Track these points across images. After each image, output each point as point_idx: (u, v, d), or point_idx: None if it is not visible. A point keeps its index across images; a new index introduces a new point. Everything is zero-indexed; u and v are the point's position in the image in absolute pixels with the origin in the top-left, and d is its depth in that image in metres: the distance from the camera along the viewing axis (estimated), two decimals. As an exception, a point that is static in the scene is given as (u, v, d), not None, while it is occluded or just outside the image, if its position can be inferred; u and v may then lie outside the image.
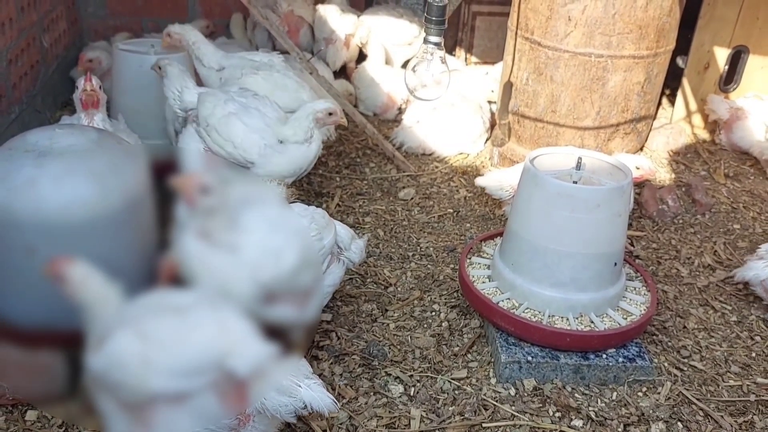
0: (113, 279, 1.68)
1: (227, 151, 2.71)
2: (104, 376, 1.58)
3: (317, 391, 1.56)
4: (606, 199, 2.18)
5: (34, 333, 1.95)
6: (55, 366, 1.98)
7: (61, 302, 1.93)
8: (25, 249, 1.87)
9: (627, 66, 3.23)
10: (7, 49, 3.29)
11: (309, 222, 2.03)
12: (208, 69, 3.15)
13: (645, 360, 2.26)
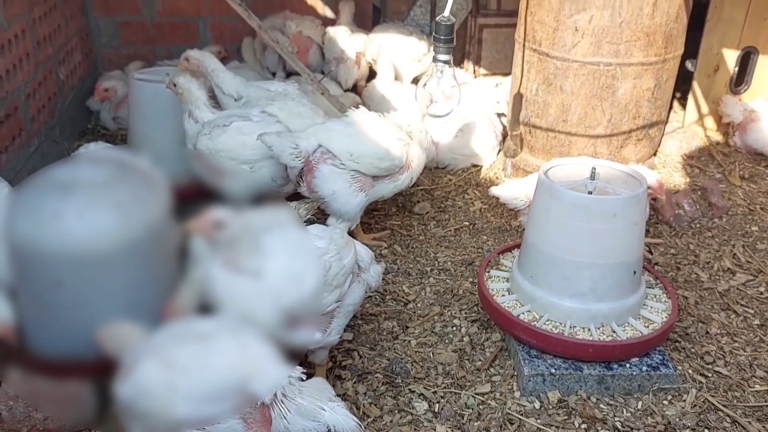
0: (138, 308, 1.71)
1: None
2: (132, 404, 1.61)
3: (341, 413, 1.58)
4: (622, 208, 2.19)
5: (63, 364, 1.99)
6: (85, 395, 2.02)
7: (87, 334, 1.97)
8: (52, 282, 1.91)
9: (636, 73, 3.24)
10: (25, 83, 3.36)
11: (328, 243, 2.06)
12: (228, 97, 3.19)
13: (669, 368, 2.25)
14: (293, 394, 1.57)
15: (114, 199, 2.00)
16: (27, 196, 2.00)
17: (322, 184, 2.76)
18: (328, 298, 2.00)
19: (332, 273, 2.01)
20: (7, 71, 3.15)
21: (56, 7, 3.91)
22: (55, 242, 1.93)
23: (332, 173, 2.75)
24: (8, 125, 3.12)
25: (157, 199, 2.14)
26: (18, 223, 1.94)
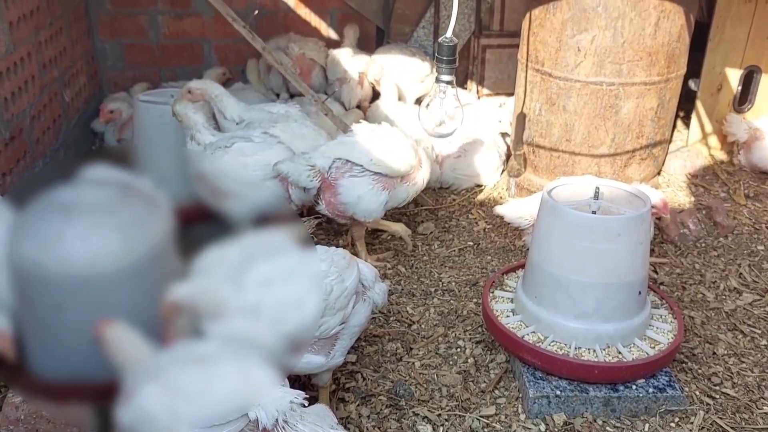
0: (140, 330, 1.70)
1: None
2: (134, 429, 1.60)
3: (341, 442, 1.56)
4: (626, 227, 2.18)
5: (64, 387, 1.98)
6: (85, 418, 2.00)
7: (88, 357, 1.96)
8: (54, 304, 1.90)
9: (639, 93, 3.25)
10: (30, 105, 3.38)
11: (329, 265, 2.04)
12: (230, 122, 3.20)
13: (676, 389, 2.23)
14: (295, 421, 1.56)
15: (117, 222, 2.01)
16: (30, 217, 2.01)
17: (346, 195, 2.84)
18: (330, 321, 1.99)
19: (334, 296, 1.99)
20: (13, 94, 3.17)
21: (62, 30, 3.95)
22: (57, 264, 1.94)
23: (353, 183, 2.83)
24: (13, 147, 3.14)
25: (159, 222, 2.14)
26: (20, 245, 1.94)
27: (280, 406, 1.56)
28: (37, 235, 1.91)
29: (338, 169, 2.84)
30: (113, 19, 4.66)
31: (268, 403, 1.56)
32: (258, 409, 1.55)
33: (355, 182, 2.84)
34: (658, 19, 3.12)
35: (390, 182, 2.90)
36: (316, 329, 1.96)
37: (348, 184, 2.84)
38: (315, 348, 2.01)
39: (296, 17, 4.93)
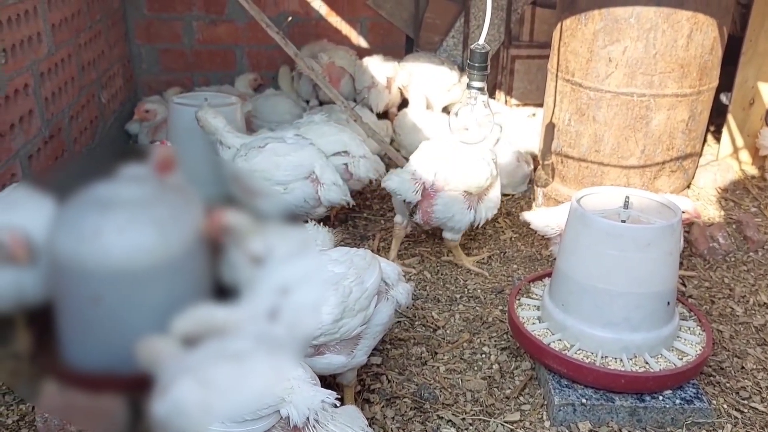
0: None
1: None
2: (167, 422, 1.63)
3: (372, 443, 1.58)
4: (656, 237, 2.17)
5: (98, 378, 2.02)
6: (118, 410, 2.05)
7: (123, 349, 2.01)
8: (91, 297, 1.95)
9: (670, 104, 3.24)
10: (69, 106, 3.47)
11: (347, 267, 2.06)
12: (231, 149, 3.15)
13: (703, 402, 2.21)
14: (326, 420, 1.57)
15: (153, 217, 2.07)
16: (69, 212, 2.07)
17: (442, 209, 2.93)
18: (351, 322, 2.01)
19: (353, 297, 2.01)
20: (53, 94, 3.26)
21: (101, 33, 4.05)
22: (95, 257, 1.99)
23: (450, 198, 2.91)
24: (52, 146, 3.22)
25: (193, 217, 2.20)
26: (59, 239, 2.01)
27: (312, 404, 1.58)
28: (76, 228, 1.96)
29: (436, 183, 2.90)
30: (149, 24, 4.76)
31: (299, 401, 1.58)
32: (290, 406, 1.57)
33: (452, 198, 2.91)
34: (691, 31, 3.11)
35: (474, 200, 2.98)
36: (336, 331, 1.98)
37: (447, 198, 2.91)
38: (337, 348, 2.03)
39: (327, 25, 5.00)
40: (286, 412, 1.58)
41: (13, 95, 2.81)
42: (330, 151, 3.25)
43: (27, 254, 2.01)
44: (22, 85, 2.91)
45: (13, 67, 2.81)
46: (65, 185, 2.98)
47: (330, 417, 1.58)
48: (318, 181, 2.94)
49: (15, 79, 2.83)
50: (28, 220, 2.13)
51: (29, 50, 2.99)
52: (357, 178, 3.33)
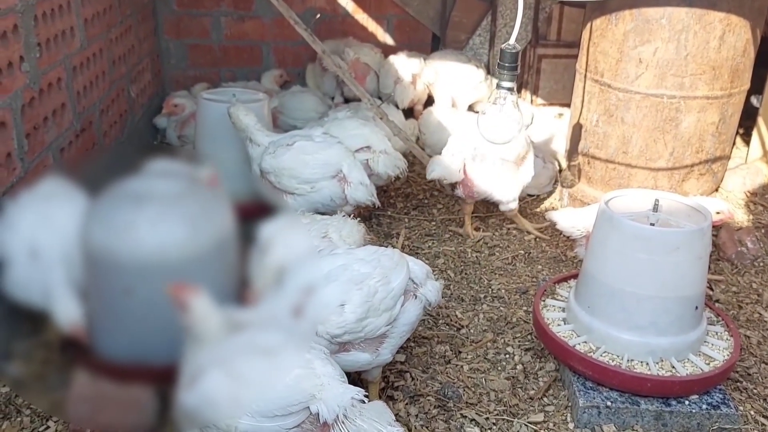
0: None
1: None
2: (195, 413, 1.65)
3: (400, 439, 1.59)
4: (686, 241, 2.16)
5: (128, 368, 2.06)
6: (146, 400, 2.08)
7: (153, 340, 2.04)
8: (123, 289, 1.98)
9: (701, 107, 3.20)
10: (100, 99, 3.52)
11: (374, 267, 2.06)
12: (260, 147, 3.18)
13: (730, 407, 2.19)
14: (354, 416, 1.59)
15: (185, 212, 2.09)
16: (102, 205, 2.10)
17: (481, 182, 3.19)
18: (376, 321, 2.02)
19: (378, 297, 2.01)
20: (85, 88, 3.31)
21: (131, 28, 4.10)
22: (127, 250, 2.03)
23: (489, 170, 3.15)
24: (83, 139, 3.27)
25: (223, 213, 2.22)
26: (92, 231, 2.04)
27: (342, 402, 1.59)
28: (109, 222, 2.00)
29: (473, 160, 3.11)
30: (179, 19, 4.81)
31: (329, 398, 1.59)
32: (320, 403, 1.59)
33: (488, 169, 3.12)
34: (723, 32, 3.07)
35: (513, 166, 3.17)
36: (361, 330, 2.00)
37: (482, 171, 3.14)
38: (362, 346, 2.05)
39: (354, 22, 5.01)
40: (315, 408, 1.59)
41: (47, 89, 2.86)
42: (352, 146, 3.26)
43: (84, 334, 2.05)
44: (56, 79, 2.95)
45: (47, 62, 2.85)
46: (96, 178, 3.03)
47: (358, 413, 1.59)
48: (345, 180, 2.95)
49: (49, 73, 2.88)
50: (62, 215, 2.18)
51: (62, 45, 3.03)
52: (376, 173, 3.32)
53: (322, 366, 1.65)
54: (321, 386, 1.60)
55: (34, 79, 2.73)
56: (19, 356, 2.27)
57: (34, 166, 2.73)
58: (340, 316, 1.97)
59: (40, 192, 2.47)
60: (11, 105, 2.53)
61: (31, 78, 2.70)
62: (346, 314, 1.98)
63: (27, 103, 2.66)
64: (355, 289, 2.00)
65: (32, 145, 2.71)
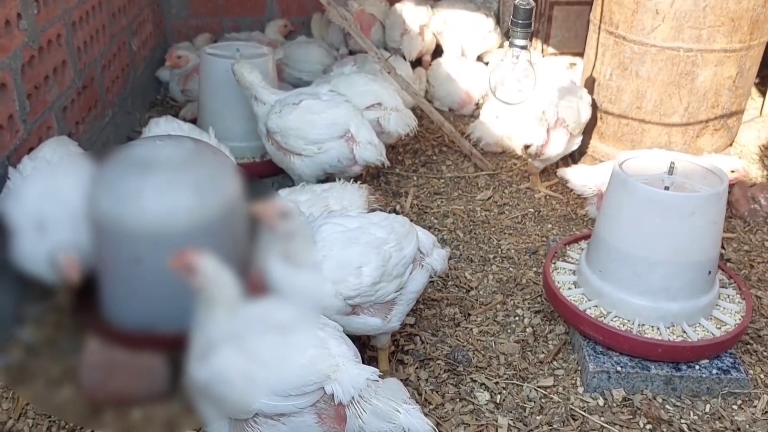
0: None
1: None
2: (208, 387, 1.65)
3: (416, 416, 1.58)
4: (701, 206, 2.12)
5: (139, 336, 2.07)
6: (158, 367, 2.09)
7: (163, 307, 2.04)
8: (132, 258, 1.97)
9: (718, 60, 3.10)
10: (101, 54, 3.44)
11: (388, 232, 2.05)
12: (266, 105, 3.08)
13: (740, 372, 2.19)
14: (369, 395, 1.58)
15: (192, 179, 2.06)
16: (108, 173, 2.07)
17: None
18: (387, 287, 2.00)
19: (392, 263, 2.00)
20: (85, 43, 3.22)
21: (130, -22, 3.97)
22: (135, 219, 2.01)
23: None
24: (85, 96, 3.21)
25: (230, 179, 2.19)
26: (100, 200, 2.01)
27: (357, 383, 1.59)
28: (115, 191, 1.97)
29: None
30: (178, -34, 4.66)
31: (344, 379, 1.59)
32: (334, 383, 1.58)
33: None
34: (745, -18, 2.95)
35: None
36: (373, 294, 1.99)
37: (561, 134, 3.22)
38: (371, 311, 2.04)
39: (359, -32, 4.83)
40: (330, 389, 1.59)
41: (47, 46, 2.79)
42: (362, 104, 3.19)
43: (78, 275, 2.04)
44: (55, 36, 2.88)
45: (45, 18, 2.77)
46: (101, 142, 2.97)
47: (373, 392, 1.59)
48: (353, 139, 2.89)
49: (48, 30, 2.80)
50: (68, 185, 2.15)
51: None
52: (387, 132, 3.26)
53: (336, 346, 1.64)
54: (336, 367, 1.59)
55: (33, 37, 2.65)
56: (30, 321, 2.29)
57: (36, 127, 2.68)
58: (357, 278, 1.96)
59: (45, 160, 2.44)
60: (11, 65, 2.47)
61: (30, 36, 2.62)
62: (363, 277, 1.97)
63: (27, 62, 2.59)
64: (373, 253, 1.99)
65: (34, 105, 2.66)
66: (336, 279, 1.95)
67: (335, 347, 1.63)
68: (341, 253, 1.98)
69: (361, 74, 3.33)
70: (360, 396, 1.57)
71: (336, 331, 1.70)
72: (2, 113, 2.41)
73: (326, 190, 2.49)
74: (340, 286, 1.96)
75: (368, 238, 2.02)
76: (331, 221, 2.08)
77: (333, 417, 1.60)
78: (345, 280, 1.96)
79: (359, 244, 1.99)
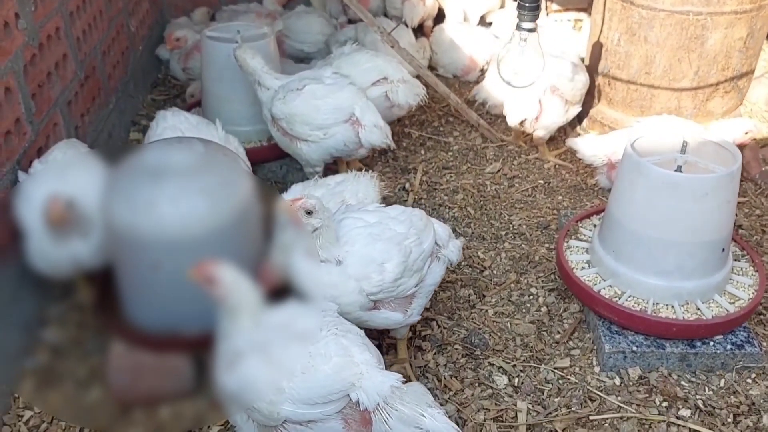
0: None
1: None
2: (237, 396, 1.70)
3: (441, 420, 1.61)
4: (714, 187, 2.11)
5: (163, 338, 2.11)
6: (183, 367, 2.14)
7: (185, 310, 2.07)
8: (151, 264, 1.99)
9: (728, 22, 3.04)
10: (100, 41, 3.39)
11: (408, 227, 2.06)
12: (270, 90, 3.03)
13: (755, 346, 2.22)
14: (394, 401, 1.62)
15: (204, 185, 2.07)
16: (122, 182, 2.07)
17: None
18: (408, 282, 2.03)
19: (412, 258, 2.02)
20: (84, 32, 3.18)
21: (124, -43, 3.88)
22: (151, 228, 2.02)
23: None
24: (88, 86, 3.18)
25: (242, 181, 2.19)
26: (114, 210, 2.02)
27: (381, 390, 1.62)
28: (130, 200, 1.98)
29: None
30: (171, -61, 4.54)
31: (369, 387, 1.62)
32: (360, 391, 1.62)
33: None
34: (756, -60, 2.87)
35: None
36: (394, 289, 2.01)
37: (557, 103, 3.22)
38: (392, 305, 2.07)
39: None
40: (356, 396, 1.63)
41: (47, 42, 2.75)
42: (367, 81, 3.15)
43: (63, 219, 2.02)
44: (54, 30, 2.84)
45: (42, 13, 2.73)
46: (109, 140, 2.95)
47: (398, 398, 1.63)
48: (359, 122, 2.87)
49: (46, 25, 2.76)
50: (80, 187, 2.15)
51: (56, -9, 2.88)
52: (397, 104, 3.24)
53: (359, 353, 1.67)
54: (360, 375, 1.63)
55: (33, 35, 2.62)
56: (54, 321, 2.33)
57: (44, 127, 2.67)
58: (380, 275, 1.99)
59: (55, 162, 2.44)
60: (13, 68, 2.45)
61: (30, 34, 2.59)
62: (386, 273, 1.99)
63: (28, 62, 2.57)
64: (395, 249, 2.01)
65: (39, 104, 2.64)
66: (359, 276, 1.98)
67: (358, 354, 1.66)
68: (364, 250, 1.99)
69: (362, 51, 3.27)
70: (385, 402, 1.61)
71: (359, 338, 1.73)
72: (9, 118, 2.40)
73: (340, 183, 2.48)
74: (363, 283, 1.99)
75: (389, 234, 2.03)
76: (351, 215, 2.09)
77: (359, 421, 1.64)
78: (368, 277, 1.98)
79: (381, 240, 2.01)
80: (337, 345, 1.66)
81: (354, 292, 1.96)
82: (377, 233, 2.01)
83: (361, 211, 2.12)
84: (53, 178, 2.31)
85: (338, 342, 1.66)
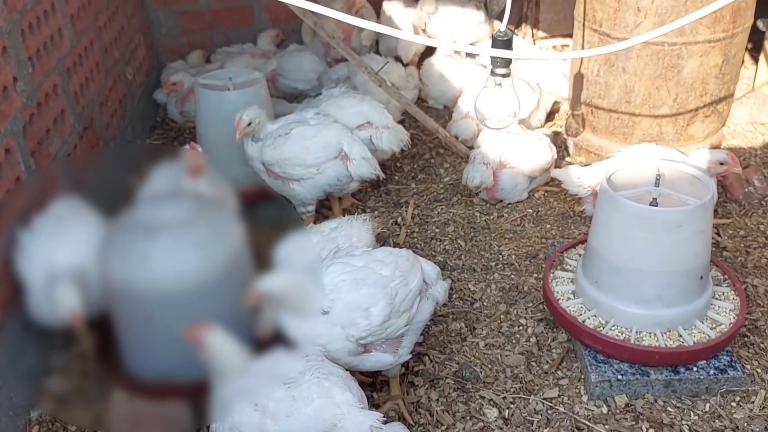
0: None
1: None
2: (230, 440, 1.78)
3: (419, 460, 1.69)
4: (688, 219, 2.18)
5: (160, 387, 2.19)
6: (181, 413, 2.22)
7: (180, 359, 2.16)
8: (145, 316, 2.08)
9: (703, 51, 3.13)
10: (98, 93, 3.51)
11: (393, 269, 2.12)
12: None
13: (737, 370, 2.28)
14: (374, 440, 1.70)
15: (196, 239, 2.17)
16: (116, 237, 2.17)
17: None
18: (397, 323, 2.10)
19: (399, 299, 2.09)
20: (81, 86, 3.30)
21: (118, 9, 4.02)
22: (145, 281, 2.12)
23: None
24: (87, 138, 3.29)
25: (233, 231, 2.29)
26: (109, 266, 2.12)
27: (362, 430, 1.70)
28: (124, 255, 2.08)
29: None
30: (164, -13, 4.69)
31: (350, 427, 1.70)
32: (341, 431, 1.69)
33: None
34: (725, -28, 2.96)
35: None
36: (383, 332, 2.08)
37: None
38: (383, 347, 2.14)
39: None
40: None
41: (45, 100, 2.86)
42: (353, 124, 3.25)
43: (86, 331, 2.14)
44: (52, 87, 2.95)
45: (40, 73, 2.84)
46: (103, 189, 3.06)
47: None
48: (347, 157, 2.97)
49: (44, 84, 2.87)
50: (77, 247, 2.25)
51: (53, 50, 3.01)
52: (381, 149, 3.33)
53: (341, 394, 1.74)
54: (341, 415, 1.70)
55: (31, 96, 2.73)
56: (57, 370, 2.41)
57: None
58: (366, 320, 2.05)
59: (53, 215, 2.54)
60: (12, 129, 2.55)
61: (28, 95, 2.70)
62: (373, 317, 2.05)
63: (27, 121, 2.67)
64: (380, 293, 2.07)
65: (39, 161, 2.75)
66: (345, 323, 2.04)
67: (339, 395, 1.74)
68: (348, 296, 2.06)
69: (349, 95, 3.37)
70: None
71: (340, 379, 1.81)
72: (9, 177, 2.50)
73: (334, 229, 2.56)
74: (351, 329, 2.05)
75: (374, 278, 2.09)
76: (337, 261, 2.16)
77: (343, 464, 1.71)
78: (355, 323, 2.05)
79: (366, 285, 2.07)
80: (319, 387, 1.74)
81: (341, 339, 2.03)
82: (362, 278, 2.08)
83: (348, 256, 2.20)
84: (51, 234, 2.41)
85: (320, 384, 1.74)
